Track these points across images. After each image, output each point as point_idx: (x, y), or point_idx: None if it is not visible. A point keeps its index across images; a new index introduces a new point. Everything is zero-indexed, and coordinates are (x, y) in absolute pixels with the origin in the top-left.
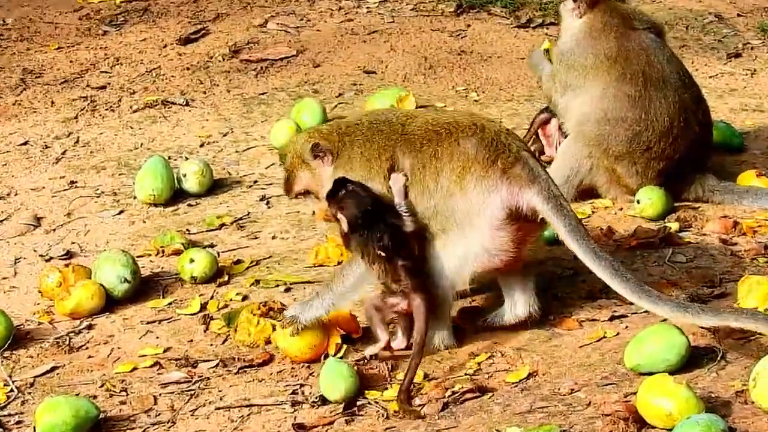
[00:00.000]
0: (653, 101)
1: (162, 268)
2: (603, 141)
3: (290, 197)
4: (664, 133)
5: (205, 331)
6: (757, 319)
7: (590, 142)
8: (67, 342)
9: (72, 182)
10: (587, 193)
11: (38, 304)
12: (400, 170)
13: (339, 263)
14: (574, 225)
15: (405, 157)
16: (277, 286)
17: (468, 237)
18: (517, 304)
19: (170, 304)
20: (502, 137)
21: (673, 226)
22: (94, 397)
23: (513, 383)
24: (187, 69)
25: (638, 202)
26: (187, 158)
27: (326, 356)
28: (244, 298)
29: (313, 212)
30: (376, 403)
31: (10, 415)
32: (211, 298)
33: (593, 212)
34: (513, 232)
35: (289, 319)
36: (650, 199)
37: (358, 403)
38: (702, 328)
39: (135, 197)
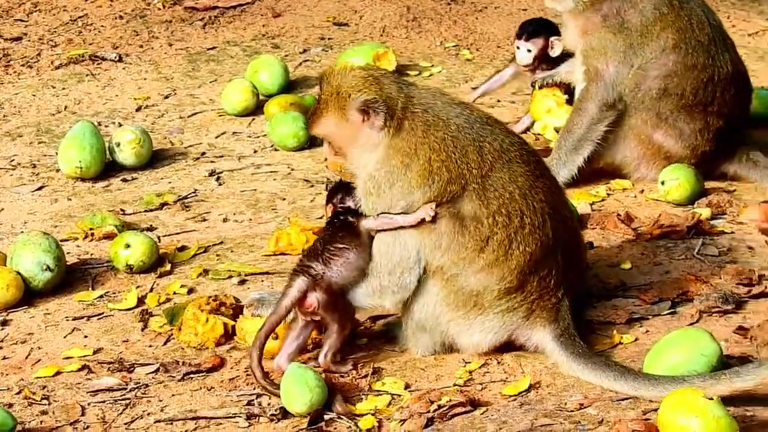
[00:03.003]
0: (719, 48)
1: (91, 254)
2: (663, 96)
3: (310, 132)
4: (728, 83)
5: (142, 330)
6: None
7: (644, 102)
8: None
9: None
10: (598, 173)
11: None
12: (444, 206)
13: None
14: (578, 354)
15: (471, 199)
16: (230, 277)
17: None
18: None
19: (101, 297)
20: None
21: (704, 212)
22: (10, 405)
23: (511, 396)
24: (120, 17)
25: (663, 183)
26: (120, 125)
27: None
28: (190, 291)
29: (325, 159)
30: (348, 418)
31: None
32: (150, 290)
33: (608, 194)
34: None
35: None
36: (677, 179)
37: (326, 417)
38: (737, 333)
39: (58, 170)
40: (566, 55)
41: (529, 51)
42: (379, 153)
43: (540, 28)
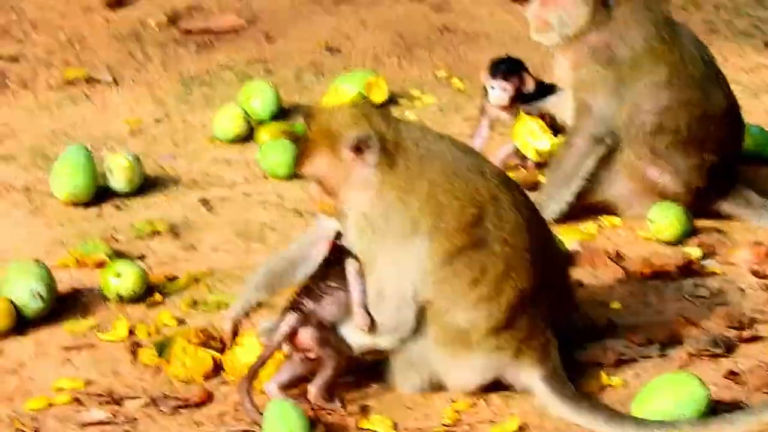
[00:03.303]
0: (711, 83)
1: (82, 282)
2: (657, 131)
3: (297, 172)
4: (721, 118)
5: (132, 362)
6: None
7: (638, 138)
8: None
9: None
10: (588, 210)
11: None
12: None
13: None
14: (566, 396)
15: (490, 220)
16: (220, 308)
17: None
18: None
19: (92, 327)
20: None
21: (694, 252)
22: None
23: None
24: (116, 39)
25: (651, 221)
26: (113, 149)
27: None
28: (180, 322)
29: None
30: None
31: None
32: (141, 321)
33: (598, 231)
34: None
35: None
36: (666, 218)
37: None
38: (727, 378)
39: (51, 195)
40: (541, 92)
41: (505, 90)
42: (373, 190)
43: (513, 66)
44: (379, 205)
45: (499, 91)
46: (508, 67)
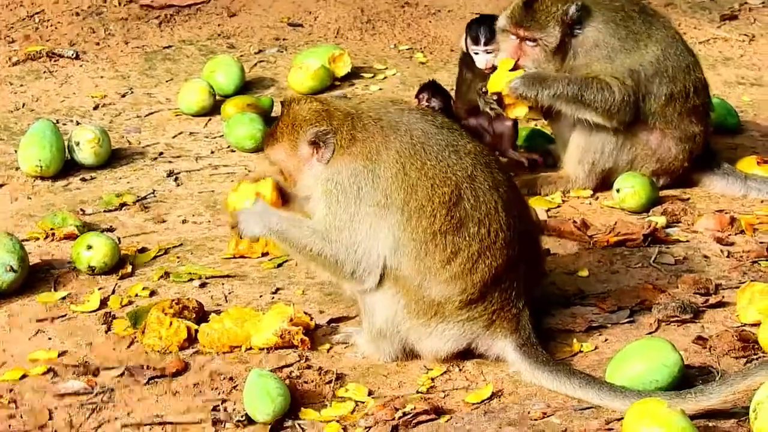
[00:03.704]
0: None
1: (53, 254)
2: (669, 101)
3: (263, 156)
4: (706, 84)
5: (106, 332)
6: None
7: (651, 110)
8: None
9: None
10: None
11: None
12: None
13: (264, 254)
14: (541, 363)
15: (468, 200)
16: (191, 280)
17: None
18: None
19: (64, 298)
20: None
21: (659, 220)
22: None
23: (474, 404)
24: (77, 14)
25: (618, 191)
26: (79, 123)
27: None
28: (152, 293)
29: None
30: (312, 425)
31: None
32: (113, 292)
33: (563, 201)
34: None
35: None
36: (632, 187)
37: (287, 424)
38: (696, 342)
39: (18, 168)
40: None
41: (489, 53)
42: (337, 160)
43: (491, 27)
44: (346, 171)
45: (484, 56)
46: (488, 31)
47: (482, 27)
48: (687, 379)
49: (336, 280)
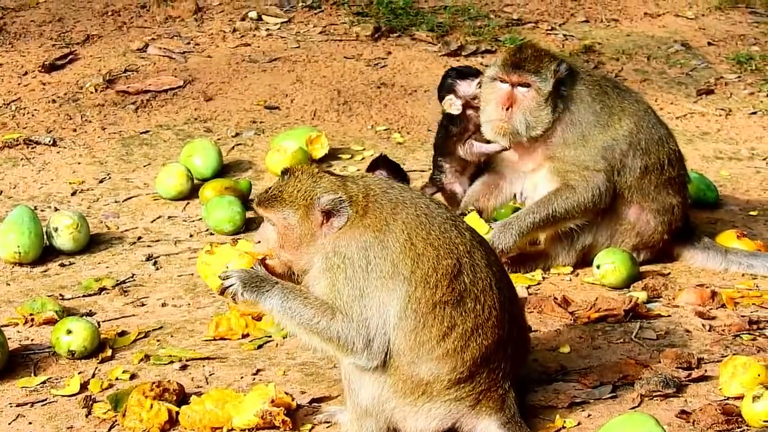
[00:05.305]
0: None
1: (32, 339)
2: (644, 173)
3: (256, 212)
4: (681, 157)
5: (87, 416)
6: None
7: (628, 184)
8: None
9: None
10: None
11: None
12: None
13: (244, 336)
14: None
15: (467, 274)
16: (171, 362)
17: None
18: None
19: (44, 383)
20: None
21: (640, 295)
22: None
23: None
24: (53, 101)
25: (598, 267)
26: (57, 209)
27: None
28: (133, 376)
29: (258, 242)
30: None
31: None
32: (93, 376)
33: (544, 278)
34: None
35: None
36: (612, 263)
37: None
38: (679, 417)
39: None
40: None
41: (459, 98)
42: (345, 232)
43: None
44: (356, 244)
45: (457, 103)
46: (457, 74)
47: (451, 73)
48: None
49: (340, 355)
